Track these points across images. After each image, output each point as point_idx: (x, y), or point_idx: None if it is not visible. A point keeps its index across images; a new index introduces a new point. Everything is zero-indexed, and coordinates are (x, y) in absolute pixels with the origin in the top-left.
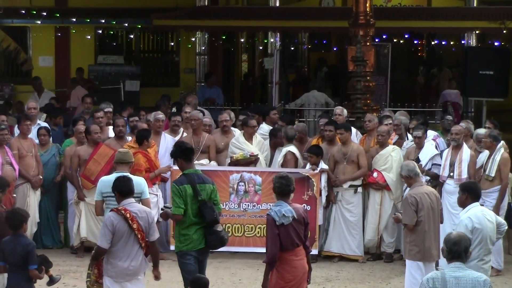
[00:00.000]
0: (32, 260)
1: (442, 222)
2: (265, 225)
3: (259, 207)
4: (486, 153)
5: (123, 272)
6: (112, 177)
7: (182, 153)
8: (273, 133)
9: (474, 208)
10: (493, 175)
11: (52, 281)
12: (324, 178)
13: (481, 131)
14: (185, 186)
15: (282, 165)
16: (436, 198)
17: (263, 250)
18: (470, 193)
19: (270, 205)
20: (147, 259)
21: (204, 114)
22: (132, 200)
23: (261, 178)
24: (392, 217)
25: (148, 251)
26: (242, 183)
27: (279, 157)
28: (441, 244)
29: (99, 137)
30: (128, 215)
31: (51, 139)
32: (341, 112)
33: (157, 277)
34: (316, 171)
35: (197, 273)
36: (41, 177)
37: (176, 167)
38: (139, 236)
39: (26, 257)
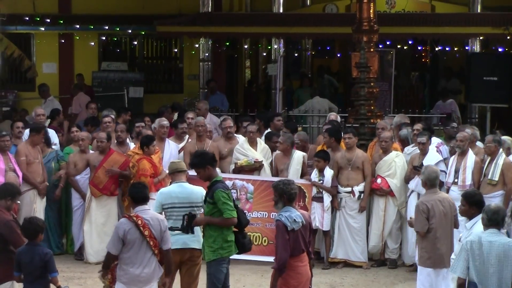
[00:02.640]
0: (53, 268)
1: (457, 227)
2: (254, 233)
3: (249, 215)
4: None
5: (135, 279)
6: (172, 188)
7: (211, 160)
8: (268, 137)
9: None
10: (497, 179)
11: None
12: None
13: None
14: (230, 191)
15: (303, 169)
16: (450, 205)
17: (247, 257)
18: (478, 206)
19: (261, 213)
20: (161, 266)
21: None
22: (146, 207)
23: (253, 186)
24: (407, 221)
25: (162, 259)
26: (234, 190)
27: (294, 163)
28: (453, 252)
29: (100, 145)
30: (139, 222)
31: (56, 146)
32: (335, 118)
33: (164, 285)
34: (308, 182)
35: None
36: (47, 183)
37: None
38: (151, 243)
39: (44, 266)
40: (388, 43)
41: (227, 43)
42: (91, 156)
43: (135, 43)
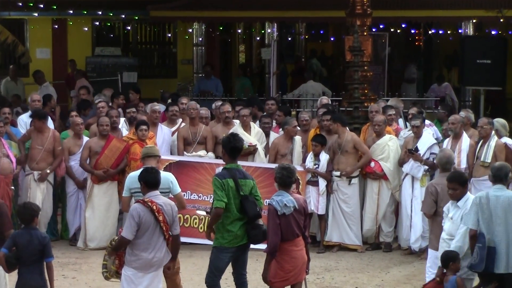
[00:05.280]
0: (49, 253)
1: None
2: None
3: None
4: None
5: (148, 264)
6: (140, 172)
7: (230, 149)
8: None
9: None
10: (489, 161)
11: None
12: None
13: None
14: (228, 180)
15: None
16: None
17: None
18: (466, 184)
19: None
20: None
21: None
22: (157, 192)
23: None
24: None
25: (169, 244)
26: None
27: (297, 146)
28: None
29: (105, 130)
30: (154, 207)
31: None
32: (327, 102)
33: (169, 268)
34: (302, 169)
35: (224, 270)
36: (47, 171)
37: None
38: (164, 228)
39: (42, 250)
40: (381, 26)
41: (221, 28)
42: (91, 142)
43: (129, 28)
